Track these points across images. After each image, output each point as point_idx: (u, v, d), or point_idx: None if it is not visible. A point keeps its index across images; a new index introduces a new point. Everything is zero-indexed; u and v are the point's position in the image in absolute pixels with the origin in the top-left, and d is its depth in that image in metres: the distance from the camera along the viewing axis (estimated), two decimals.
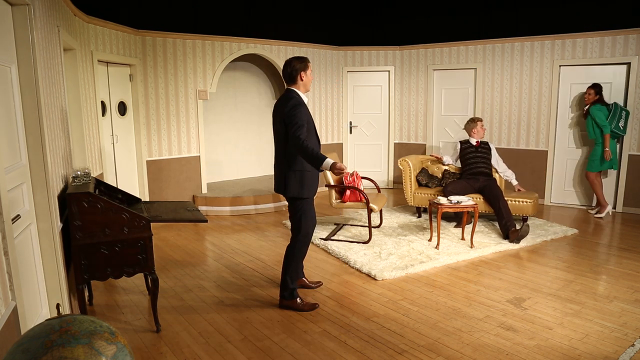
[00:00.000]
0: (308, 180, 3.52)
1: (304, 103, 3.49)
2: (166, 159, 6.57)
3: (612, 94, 6.41)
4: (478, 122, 5.92)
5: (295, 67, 3.51)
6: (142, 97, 6.21)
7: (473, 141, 5.95)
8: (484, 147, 5.90)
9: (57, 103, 3.42)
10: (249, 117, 8.01)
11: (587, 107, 6.24)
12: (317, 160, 3.22)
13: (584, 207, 6.76)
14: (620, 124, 6.16)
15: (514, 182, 5.93)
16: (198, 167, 6.90)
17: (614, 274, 4.29)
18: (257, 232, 5.80)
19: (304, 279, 4.04)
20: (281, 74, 3.85)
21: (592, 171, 6.26)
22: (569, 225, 5.86)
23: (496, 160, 5.95)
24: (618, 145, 6.53)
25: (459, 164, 6.20)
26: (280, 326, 3.38)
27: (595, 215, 6.28)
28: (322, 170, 3.35)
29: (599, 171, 6.26)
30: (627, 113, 6.16)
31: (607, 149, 6.02)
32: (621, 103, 6.44)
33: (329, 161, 3.18)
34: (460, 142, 6.09)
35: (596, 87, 6.20)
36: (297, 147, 3.30)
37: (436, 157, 6.33)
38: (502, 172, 5.95)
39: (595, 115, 6.08)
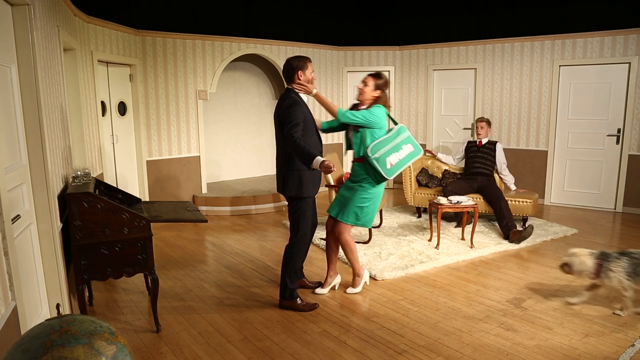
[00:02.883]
0: (307, 180, 3.50)
1: (301, 102, 3.48)
2: (166, 159, 6.57)
3: (613, 94, 6.41)
4: (477, 123, 5.91)
5: (292, 66, 3.50)
6: (142, 97, 6.21)
7: (478, 141, 5.95)
8: (487, 147, 5.87)
9: (57, 103, 3.42)
10: (249, 117, 8.01)
11: (358, 104, 3.73)
12: (308, 158, 3.21)
13: (584, 208, 6.76)
14: (390, 160, 3.50)
15: (512, 188, 5.86)
16: (198, 167, 6.90)
17: None
18: (257, 232, 5.79)
19: (303, 279, 4.03)
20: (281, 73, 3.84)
21: (360, 224, 3.68)
22: (569, 225, 5.86)
23: (500, 163, 5.88)
24: (618, 145, 6.50)
25: (461, 164, 6.19)
26: (280, 326, 3.38)
27: (349, 291, 3.87)
28: (313, 169, 3.31)
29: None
30: (415, 153, 3.61)
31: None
32: (622, 103, 6.36)
33: (319, 159, 3.16)
34: (469, 141, 6.10)
35: (377, 78, 3.59)
36: (291, 146, 3.30)
37: (431, 153, 6.31)
38: (503, 175, 5.88)
39: (370, 124, 3.50)
